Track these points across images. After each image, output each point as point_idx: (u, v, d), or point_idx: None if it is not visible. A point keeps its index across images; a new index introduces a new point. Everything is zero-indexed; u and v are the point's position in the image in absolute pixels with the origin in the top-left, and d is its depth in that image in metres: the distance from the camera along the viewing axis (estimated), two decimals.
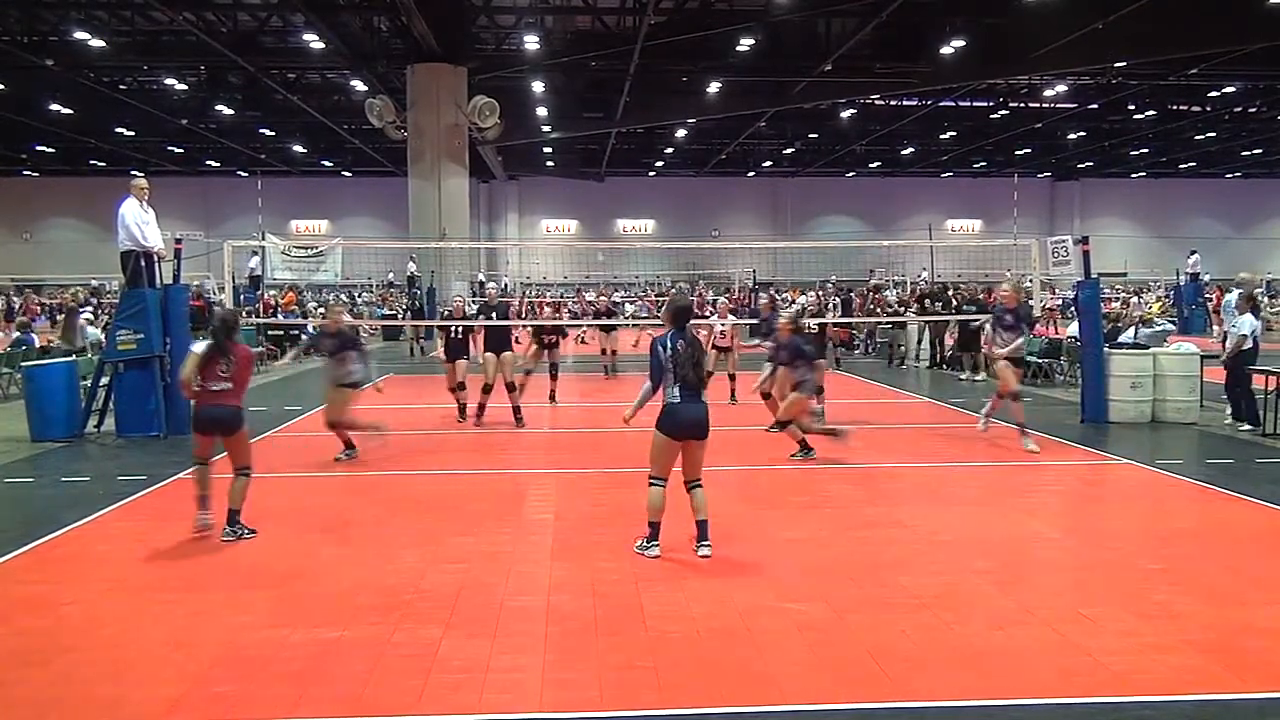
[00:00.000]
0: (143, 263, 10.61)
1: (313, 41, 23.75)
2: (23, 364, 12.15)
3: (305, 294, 28.90)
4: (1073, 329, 14.68)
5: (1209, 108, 34.61)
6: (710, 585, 5.38)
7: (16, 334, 15.82)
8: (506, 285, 40.89)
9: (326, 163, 45.01)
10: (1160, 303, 27.89)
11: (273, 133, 38.42)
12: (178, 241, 11.52)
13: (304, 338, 9.20)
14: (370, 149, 38.55)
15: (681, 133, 38.85)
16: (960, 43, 23.74)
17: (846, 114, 35.73)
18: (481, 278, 35.57)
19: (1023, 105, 34.42)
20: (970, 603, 5.12)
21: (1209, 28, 20.81)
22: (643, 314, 25.53)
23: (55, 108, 31.83)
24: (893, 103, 33.98)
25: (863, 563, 5.83)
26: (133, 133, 36.99)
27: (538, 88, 29.31)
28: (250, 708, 3.92)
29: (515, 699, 3.98)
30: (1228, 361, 11.11)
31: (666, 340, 5.94)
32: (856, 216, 49.33)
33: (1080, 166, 47.90)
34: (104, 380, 10.94)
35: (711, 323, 13.68)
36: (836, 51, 24.33)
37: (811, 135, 40.85)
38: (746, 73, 27.37)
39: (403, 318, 25.98)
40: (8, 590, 5.41)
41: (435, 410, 11.94)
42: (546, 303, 22.74)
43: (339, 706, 3.93)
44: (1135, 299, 27.63)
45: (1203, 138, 40.00)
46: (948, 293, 18.73)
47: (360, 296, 33.88)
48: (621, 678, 4.18)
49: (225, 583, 5.51)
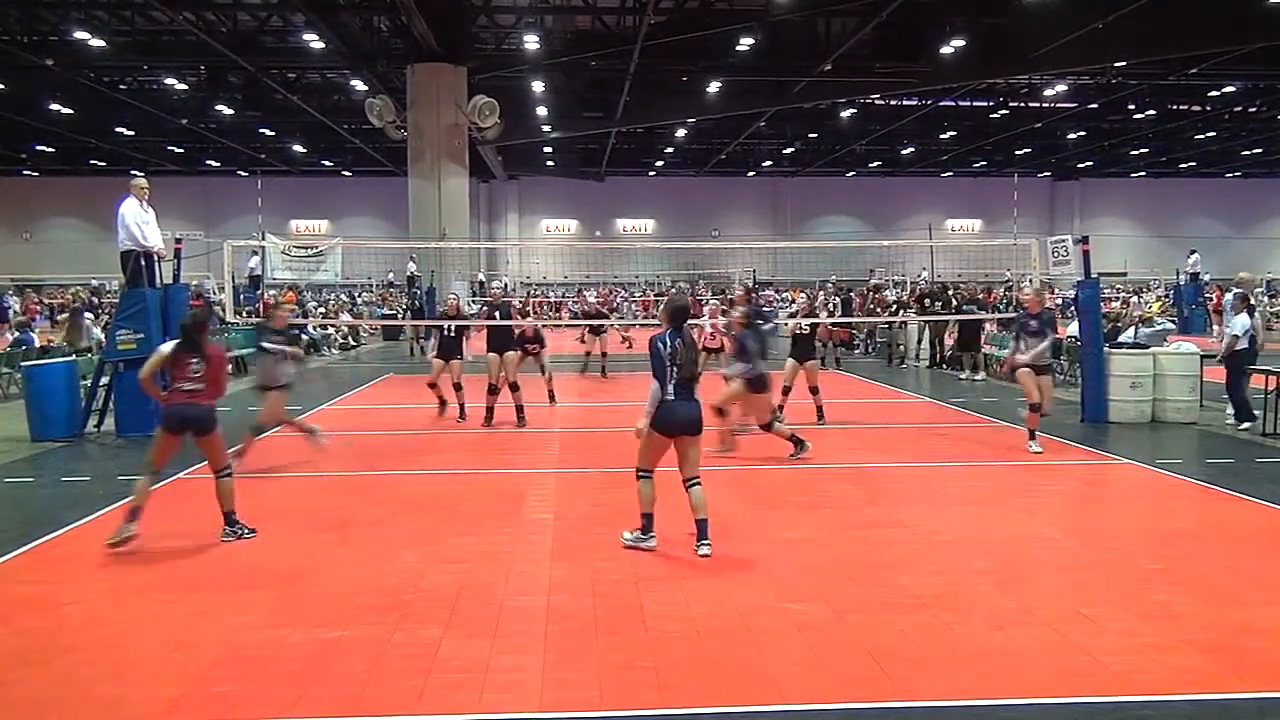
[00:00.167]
0: (143, 262, 10.62)
1: (313, 41, 23.75)
2: (23, 364, 12.15)
3: (305, 294, 28.89)
4: (1073, 329, 14.68)
5: (1209, 107, 34.62)
6: (710, 585, 5.38)
7: (16, 334, 15.82)
8: (506, 285, 40.92)
9: (326, 162, 45.00)
10: (1160, 302, 27.88)
11: (273, 132, 38.41)
12: (178, 241, 11.53)
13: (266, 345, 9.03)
14: (370, 149, 38.54)
15: (681, 132, 38.84)
16: (960, 42, 23.74)
17: (846, 114, 35.74)
18: (482, 277, 35.60)
19: (1023, 105, 34.42)
20: (970, 603, 5.12)
21: (1209, 28, 20.81)
22: (628, 316, 25.35)
23: (55, 108, 31.83)
24: (892, 102, 33.98)
25: (863, 563, 5.83)
26: (133, 133, 36.98)
27: (538, 87, 29.31)
28: (250, 708, 3.92)
29: (515, 699, 3.98)
30: (1224, 360, 11.15)
31: (665, 338, 6.02)
32: (856, 216, 49.32)
33: (1080, 166, 47.89)
34: (104, 380, 10.95)
35: (701, 324, 13.53)
36: (836, 51, 24.33)
37: (811, 135, 40.85)
38: (746, 72, 27.38)
39: (403, 318, 25.98)
40: (8, 590, 5.42)
41: (435, 410, 11.93)
42: (525, 306, 22.18)
43: (339, 706, 3.93)
44: (1135, 299, 27.65)
45: (1203, 137, 40.00)
46: (947, 292, 18.73)
47: (360, 296, 33.88)
48: (621, 678, 4.18)
49: (225, 583, 5.51)
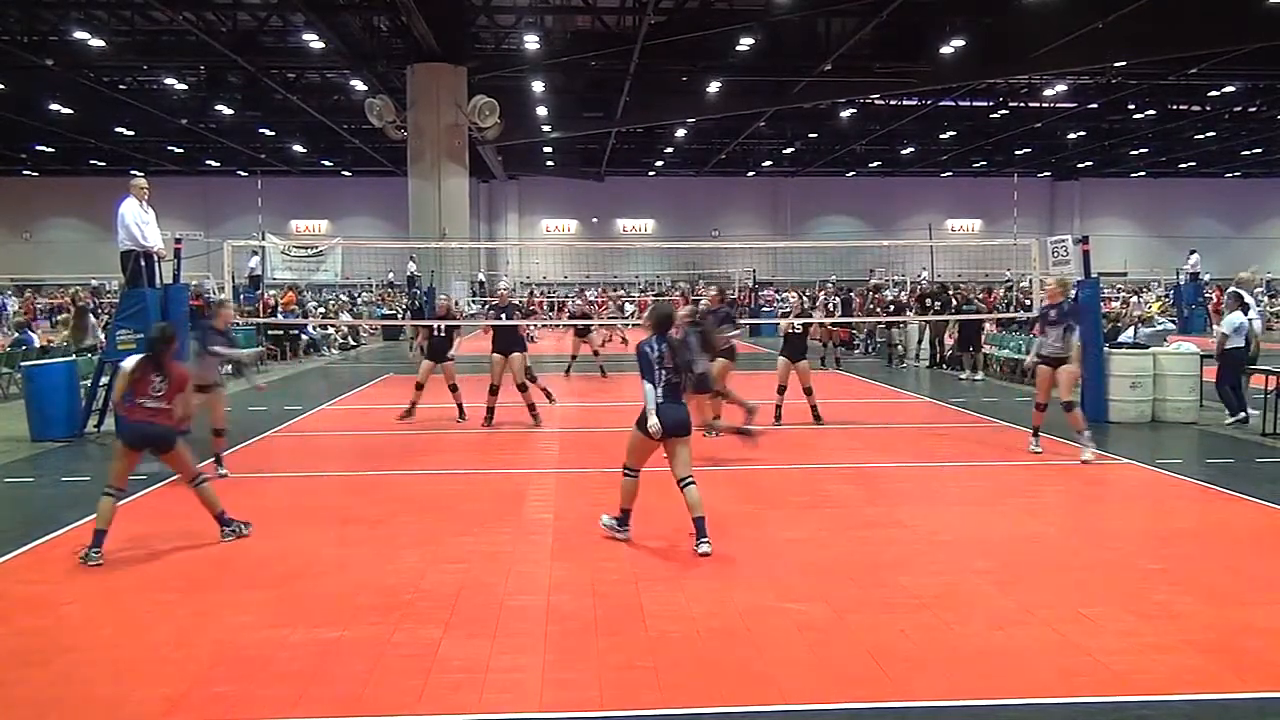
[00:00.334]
0: (142, 262, 10.61)
1: (312, 41, 23.76)
2: (23, 364, 12.15)
3: (305, 294, 28.89)
4: None
5: (1209, 107, 34.63)
6: (710, 585, 5.38)
7: (16, 334, 15.82)
8: (514, 286, 40.91)
9: (326, 162, 45.01)
10: (1160, 302, 27.89)
11: (273, 132, 38.41)
12: (177, 241, 11.54)
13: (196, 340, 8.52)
14: (370, 149, 38.55)
15: (681, 132, 38.84)
16: (960, 42, 23.76)
17: (846, 114, 35.75)
18: (482, 277, 35.58)
19: (1023, 105, 34.43)
20: (970, 603, 5.12)
21: (1209, 28, 20.83)
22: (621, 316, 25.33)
23: (55, 107, 31.84)
24: (892, 102, 34.00)
25: (863, 563, 5.83)
26: (133, 133, 37.00)
27: (538, 87, 29.32)
28: (250, 708, 3.92)
29: (515, 699, 3.98)
30: (1217, 358, 11.21)
31: (652, 343, 6.12)
32: (856, 216, 49.32)
33: (1080, 166, 47.91)
34: (104, 380, 10.94)
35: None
36: (836, 51, 24.34)
37: (811, 135, 40.86)
38: (746, 72, 27.39)
39: (402, 318, 25.98)
40: (8, 590, 5.41)
41: (435, 410, 11.93)
42: (528, 306, 22.14)
43: (339, 706, 3.93)
44: (1135, 298, 27.64)
45: (1203, 137, 40.01)
46: (946, 292, 18.73)
47: (360, 296, 33.88)
48: (621, 678, 4.18)
49: (225, 583, 5.51)
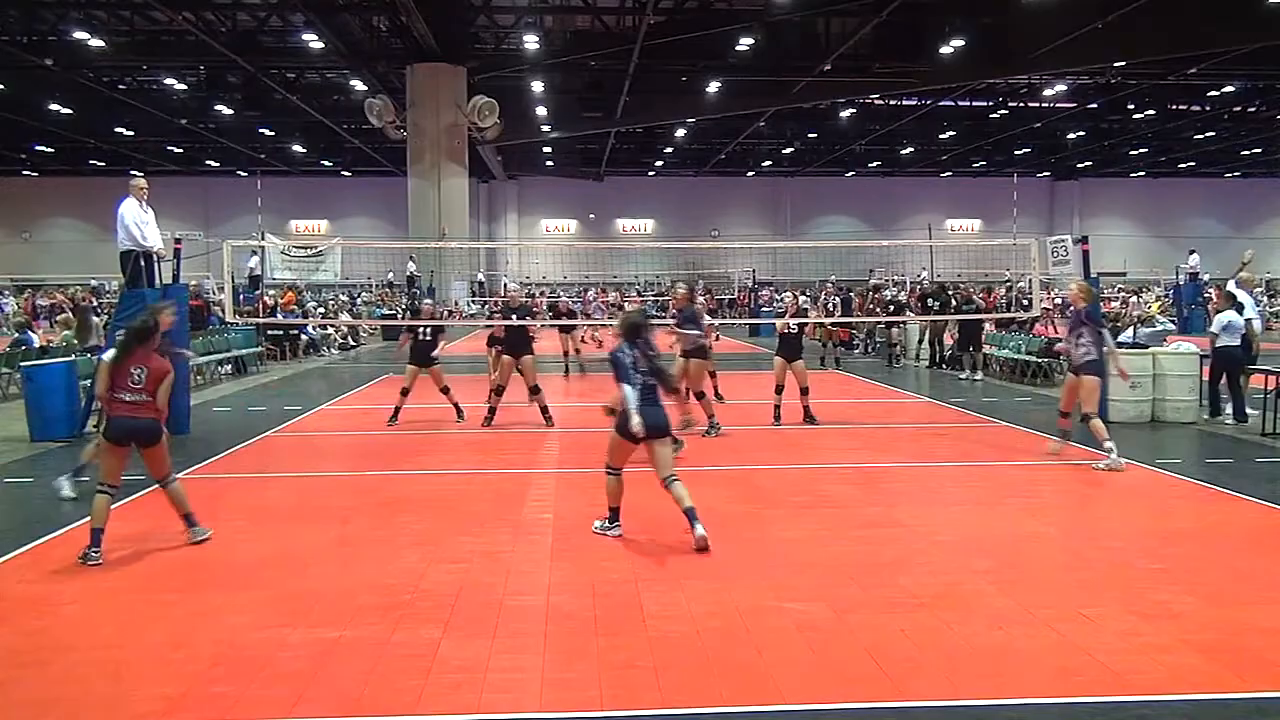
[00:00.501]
0: (142, 263, 10.61)
1: (312, 41, 23.78)
2: (22, 364, 12.14)
3: (305, 294, 28.88)
4: None
5: (1209, 107, 34.66)
6: (710, 585, 5.38)
7: (16, 335, 15.81)
8: (506, 285, 40.85)
9: (326, 162, 45.02)
10: (1160, 302, 27.89)
11: (272, 133, 38.43)
12: (177, 241, 11.52)
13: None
14: (370, 149, 38.56)
15: (681, 132, 38.86)
16: (960, 42, 23.77)
17: (846, 114, 35.77)
18: (481, 277, 35.58)
19: (1022, 105, 34.45)
20: (970, 603, 5.11)
21: (1208, 28, 20.84)
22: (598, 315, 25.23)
23: (55, 107, 31.85)
24: (892, 102, 34.02)
25: (862, 563, 5.82)
26: (132, 133, 37.02)
27: (537, 87, 29.32)
28: (249, 708, 3.92)
29: (515, 699, 3.98)
30: (1211, 357, 11.26)
31: (625, 348, 6.24)
32: (856, 216, 49.33)
33: (1080, 166, 47.93)
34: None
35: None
36: (836, 51, 24.36)
37: (811, 135, 40.88)
38: (746, 72, 27.41)
39: (402, 318, 25.95)
40: (8, 590, 5.41)
41: (434, 410, 11.92)
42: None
43: (339, 706, 3.93)
44: (1135, 298, 27.65)
45: (1202, 137, 40.03)
46: (946, 292, 18.73)
47: (360, 297, 33.86)
48: (621, 678, 4.18)
49: (225, 583, 5.51)
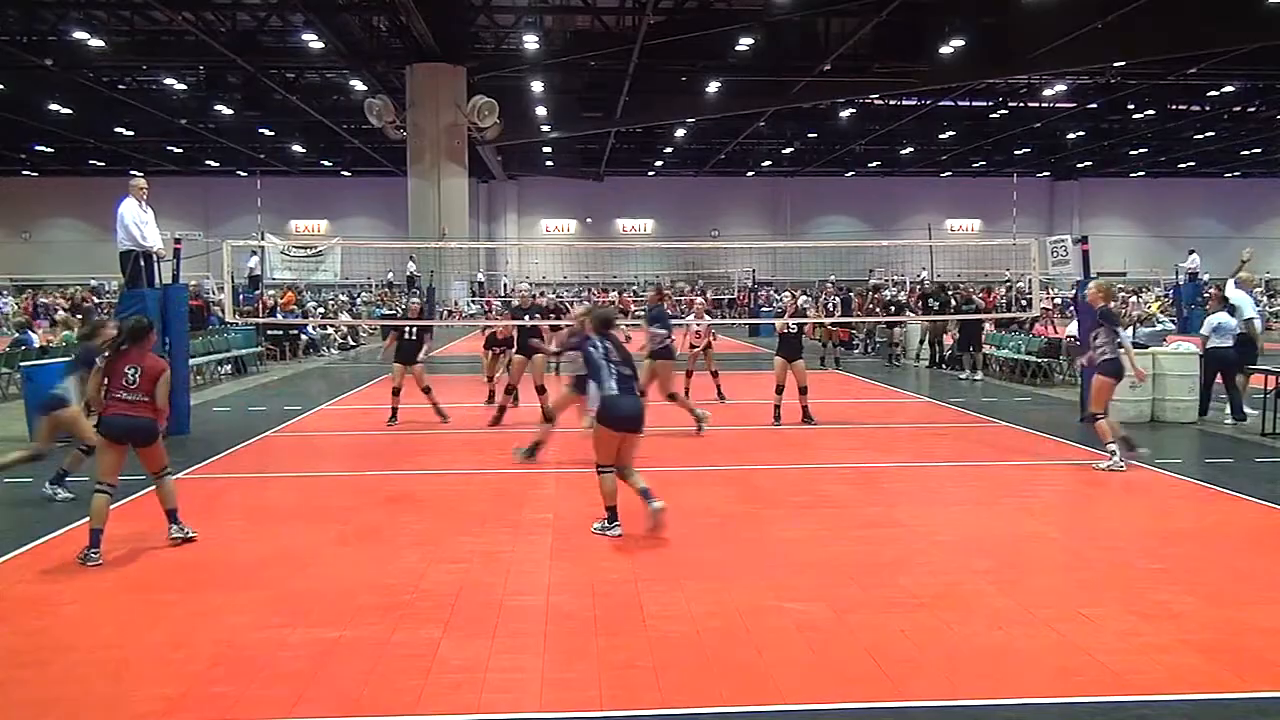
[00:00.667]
0: (142, 263, 10.60)
1: (312, 41, 23.78)
2: (22, 364, 12.13)
3: (304, 294, 28.88)
4: (1072, 328, 14.70)
5: (1208, 107, 34.65)
6: (710, 585, 5.38)
7: (16, 334, 15.81)
8: (506, 285, 40.85)
9: (326, 163, 45.02)
10: (1159, 302, 27.88)
11: (272, 133, 38.42)
12: (177, 241, 11.52)
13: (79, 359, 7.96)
14: (370, 149, 38.56)
15: (681, 132, 38.86)
16: (960, 42, 23.77)
17: (846, 114, 35.76)
18: (481, 277, 35.58)
19: (1022, 105, 34.45)
20: (970, 603, 5.11)
21: (1208, 28, 20.84)
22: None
23: (55, 108, 31.85)
24: (892, 102, 34.02)
25: (862, 563, 5.82)
26: (132, 133, 37.01)
27: (537, 87, 29.32)
28: (249, 708, 3.92)
29: (515, 699, 3.98)
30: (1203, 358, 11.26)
31: (596, 341, 6.50)
32: (856, 216, 49.33)
33: (1079, 166, 47.92)
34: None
35: (688, 322, 13.58)
36: (836, 51, 24.36)
37: (811, 135, 40.88)
38: (746, 72, 27.41)
39: (401, 318, 25.95)
40: (8, 590, 5.41)
41: (432, 411, 11.91)
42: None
43: (339, 706, 3.93)
44: (1134, 298, 27.63)
45: (1202, 137, 40.02)
46: (945, 292, 18.75)
47: (359, 296, 33.86)
48: (621, 678, 4.18)
49: (225, 583, 5.51)
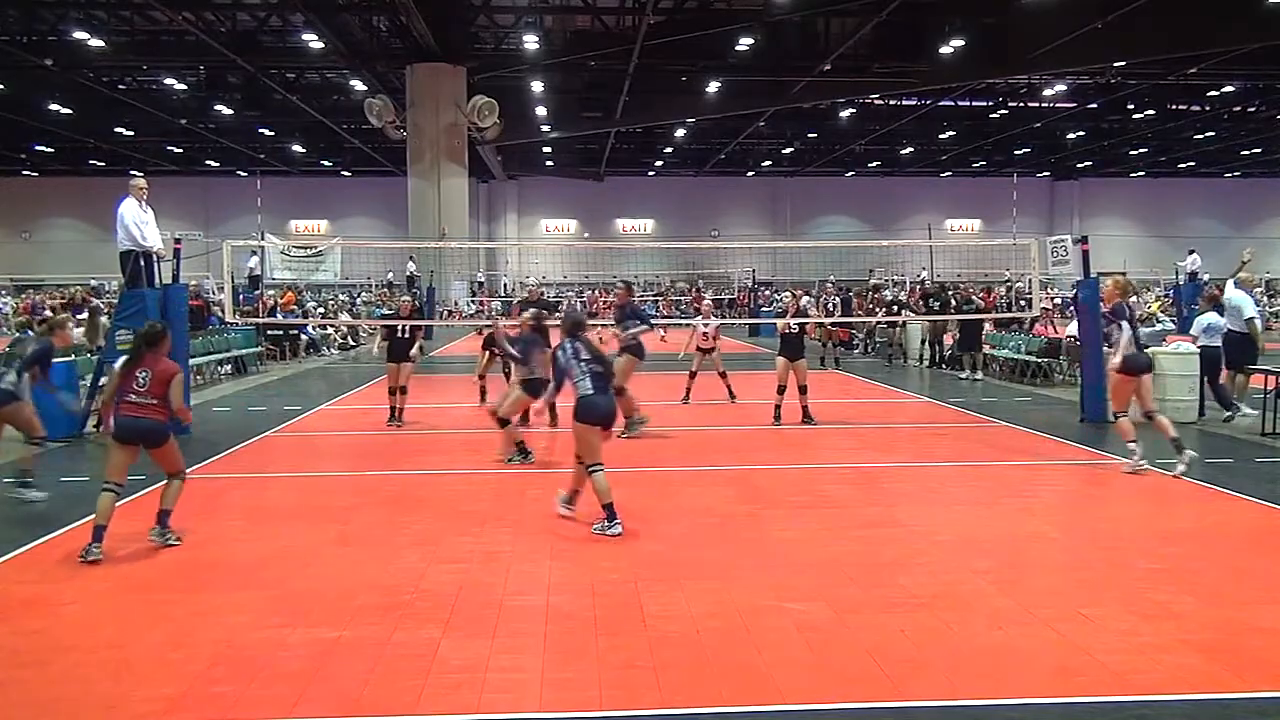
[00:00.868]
0: (142, 263, 10.61)
1: (312, 41, 23.77)
2: None
3: (304, 294, 28.88)
4: (1072, 328, 14.70)
5: (1208, 107, 34.64)
6: (710, 585, 5.38)
7: (16, 334, 15.81)
8: (506, 285, 40.86)
9: (326, 163, 45.00)
10: (1159, 302, 27.89)
11: (272, 133, 38.40)
12: (177, 241, 11.52)
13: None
14: (370, 149, 38.55)
15: (681, 132, 38.85)
16: (959, 42, 23.77)
17: (846, 114, 35.75)
18: (481, 277, 35.55)
19: (1022, 105, 34.43)
20: (970, 603, 5.11)
21: (1209, 28, 20.84)
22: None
23: (55, 107, 31.84)
24: (892, 102, 34.00)
25: (862, 563, 5.82)
26: (132, 133, 37.00)
27: (537, 87, 29.32)
28: (249, 708, 3.92)
29: (515, 699, 3.98)
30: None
31: (566, 345, 6.76)
32: (856, 216, 49.33)
33: (1079, 166, 47.92)
34: (103, 380, 10.92)
35: (695, 323, 13.62)
36: (836, 51, 24.35)
37: (811, 135, 40.87)
38: (745, 72, 27.40)
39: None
40: (8, 590, 5.41)
41: (433, 411, 11.94)
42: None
43: (338, 706, 3.93)
44: (1135, 298, 27.57)
45: (1202, 137, 40.01)
46: (945, 292, 18.75)
47: (359, 296, 33.85)
48: (621, 678, 4.18)
49: (225, 583, 5.51)
